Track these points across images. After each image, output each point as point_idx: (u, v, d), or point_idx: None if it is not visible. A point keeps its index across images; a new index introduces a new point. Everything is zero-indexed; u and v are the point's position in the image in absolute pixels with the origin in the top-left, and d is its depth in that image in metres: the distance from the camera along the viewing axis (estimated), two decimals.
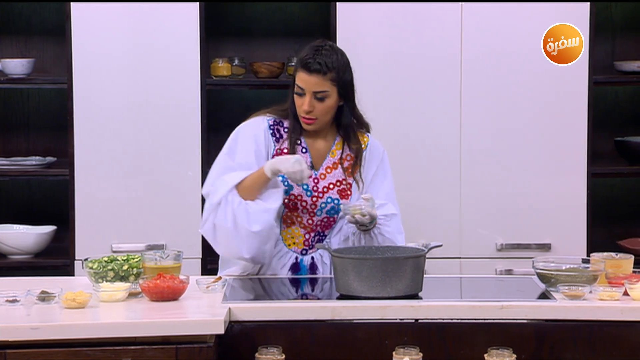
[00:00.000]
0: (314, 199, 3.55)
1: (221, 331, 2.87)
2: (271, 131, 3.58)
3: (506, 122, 4.70)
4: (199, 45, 4.65)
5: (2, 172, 4.82)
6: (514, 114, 4.70)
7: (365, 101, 4.69)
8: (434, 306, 3.04)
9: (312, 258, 3.59)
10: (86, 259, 3.23)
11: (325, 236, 3.59)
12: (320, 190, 3.56)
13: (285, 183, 3.51)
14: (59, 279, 3.71)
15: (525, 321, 3.03)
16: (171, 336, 2.84)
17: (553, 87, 4.69)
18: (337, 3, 4.65)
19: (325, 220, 3.57)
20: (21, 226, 4.87)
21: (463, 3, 4.66)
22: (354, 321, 3.03)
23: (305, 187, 3.53)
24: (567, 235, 4.72)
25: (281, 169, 3.40)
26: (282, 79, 4.89)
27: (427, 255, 3.18)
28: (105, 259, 3.23)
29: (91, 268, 3.18)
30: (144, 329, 2.85)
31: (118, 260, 3.23)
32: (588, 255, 3.92)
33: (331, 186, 3.57)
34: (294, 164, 3.38)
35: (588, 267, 3.24)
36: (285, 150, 3.56)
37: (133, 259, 3.25)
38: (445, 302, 3.07)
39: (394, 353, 2.91)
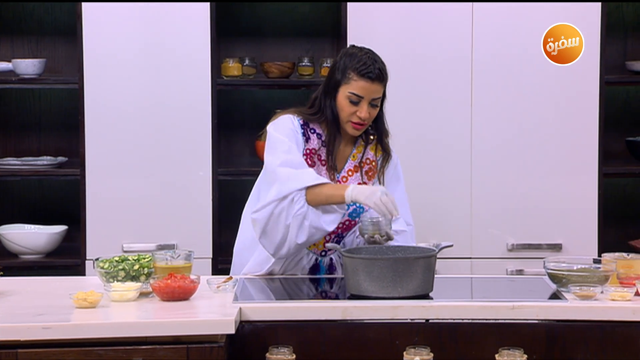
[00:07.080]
0: None
1: (232, 331, 2.87)
2: (302, 130, 3.57)
3: (517, 122, 4.69)
4: (210, 45, 4.65)
5: (14, 172, 4.83)
6: (525, 114, 4.69)
7: None
8: (445, 306, 3.04)
9: (331, 259, 3.59)
10: (97, 259, 3.23)
11: (344, 237, 3.58)
12: None
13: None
14: (69, 279, 3.72)
15: (536, 321, 3.03)
16: (182, 336, 2.85)
17: (564, 87, 4.68)
18: (348, 3, 4.65)
19: (347, 223, 3.56)
20: (32, 226, 4.87)
21: (474, 3, 4.65)
22: (365, 321, 3.02)
23: None
24: (578, 236, 4.71)
25: (364, 202, 3.35)
26: (292, 79, 4.89)
27: (438, 255, 3.18)
28: (117, 258, 3.24)
29: (102, 268, 3.19)
30: (155, 328, 2.85)
31: (129, 260, 3.24)
32: (599, 255, 3.93)
33: None
34: (382, 196, 3.33)
35: (599, 268, 3.23)
36: (314, 151, 3.53)
37: (144, 258, 3.26)
38: (457, 302, 3.07)
39: (404, 353, 2.91)
